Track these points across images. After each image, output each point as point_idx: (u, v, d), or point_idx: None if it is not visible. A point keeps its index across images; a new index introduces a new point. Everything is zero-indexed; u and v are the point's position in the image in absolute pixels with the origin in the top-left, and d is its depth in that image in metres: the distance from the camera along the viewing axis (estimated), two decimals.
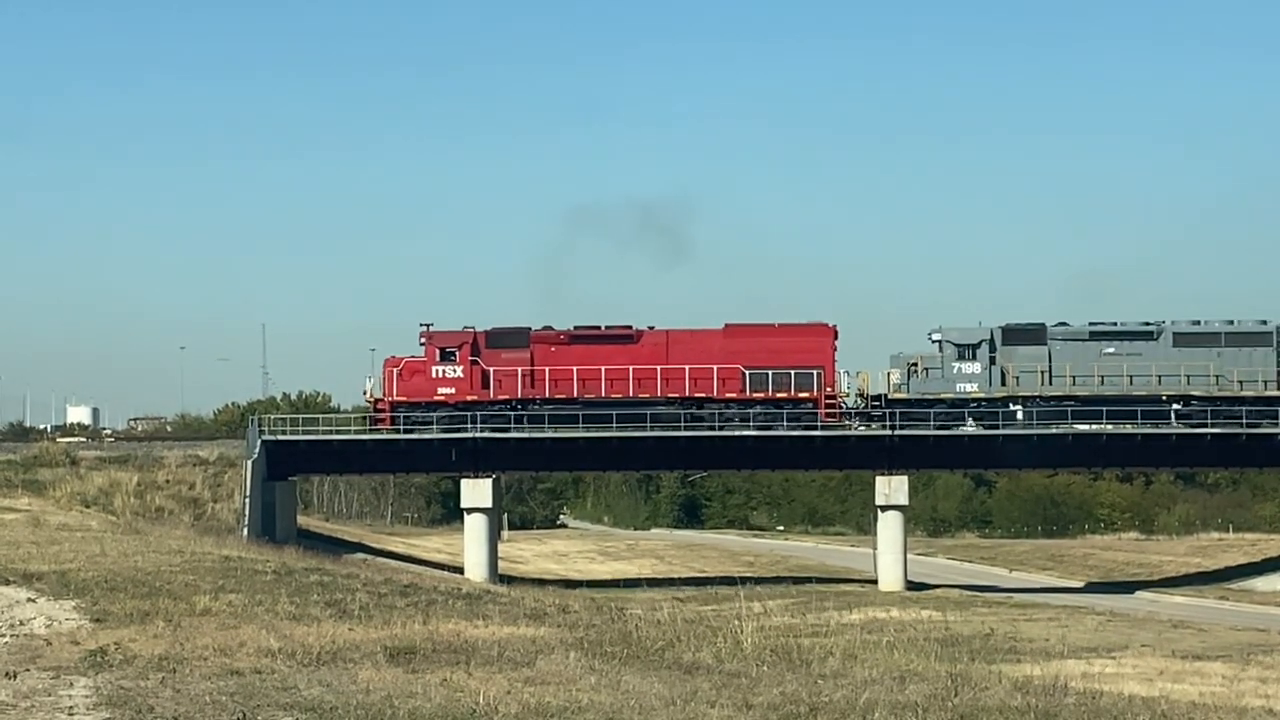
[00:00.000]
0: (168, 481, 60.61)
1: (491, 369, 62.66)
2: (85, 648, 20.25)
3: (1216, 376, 62.84)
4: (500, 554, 68.72)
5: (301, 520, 74.49)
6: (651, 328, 63.70)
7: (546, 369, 62.75)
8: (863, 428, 63.64)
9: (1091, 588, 68.03)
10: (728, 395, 62.65)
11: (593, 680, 18.14)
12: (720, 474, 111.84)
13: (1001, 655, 28.82)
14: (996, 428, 63.13)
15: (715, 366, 62.58)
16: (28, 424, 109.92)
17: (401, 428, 62.92)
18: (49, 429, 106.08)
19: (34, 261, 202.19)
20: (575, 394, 62.57)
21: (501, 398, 62.65)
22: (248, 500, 59.08)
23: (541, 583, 59.04)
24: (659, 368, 62.66)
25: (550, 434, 63.41)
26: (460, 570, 62.71)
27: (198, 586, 28.75)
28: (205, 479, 61.03)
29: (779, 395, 62.60)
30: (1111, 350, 63.31)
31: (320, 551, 50.29)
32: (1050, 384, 63.05)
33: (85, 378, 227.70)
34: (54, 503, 56.70)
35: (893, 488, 63.99)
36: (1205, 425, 63.08)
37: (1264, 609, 55.26)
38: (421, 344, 63.05)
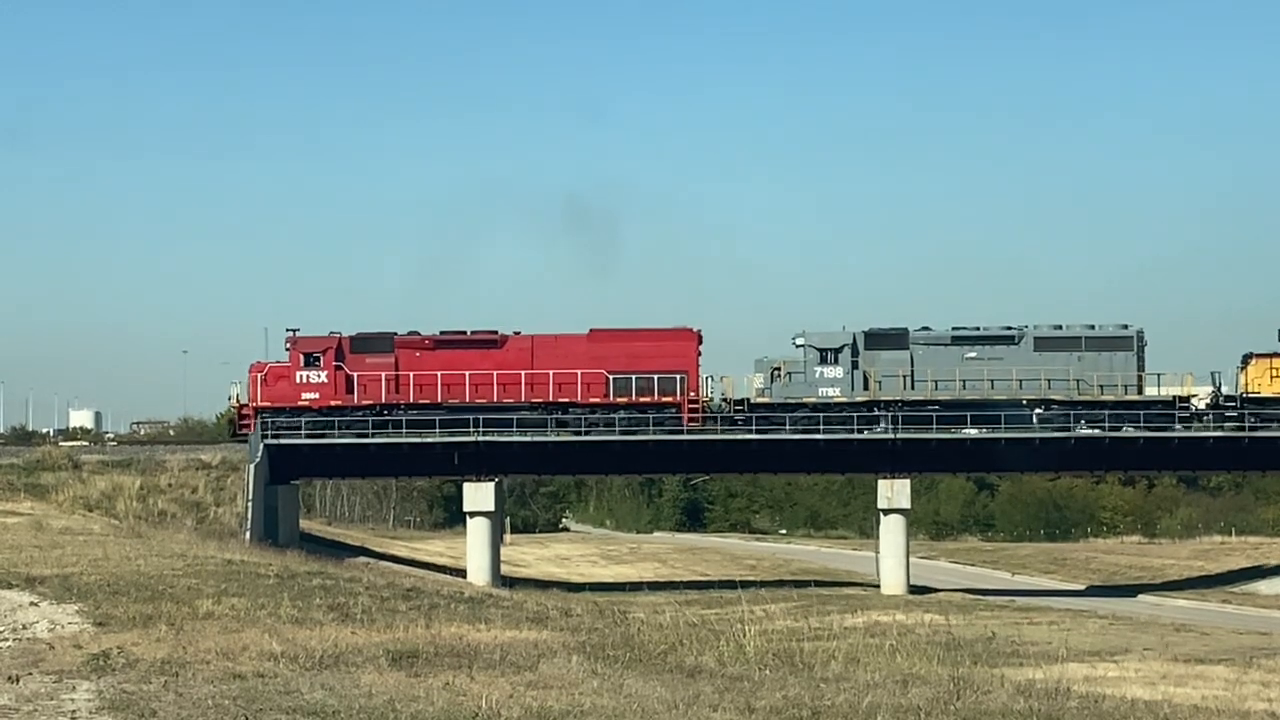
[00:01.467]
0: (170, 485, 60.61)
1: (356, 374, 63.04)
2: (88, 651, 20.26)
3: (1077, 380, 63.04)
4: (503, 557, 68.72)
5: (304, 524, 74.49)
6: (517, 333, 64.14)
7: (411, 374, 63.13)
8: (865, 431, 63.56)
9: (1094, 591, 68.03)
10: (591, 400, 63.03)
11: (595, 684, 18.14)
12: (722, 477, 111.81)
13: (1004, 659, 28.80)
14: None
15: (579, 371, 62.96)
16: (30, 428, 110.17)
17: (405, 431, 62.93)
18: (52, 433, 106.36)
19: (36, 265, 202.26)
20: (439, 399, 62.94)
21: (365, 403, 63.08)
22: (250, 504, 59.09)
23: (544, 586, 59.04)
24: (523, 373, 63.04)
25: (552, 437, 63.47)
26: (463, 574, 62.72)
27: (200, 590, 28.74)
28: (208, 483, 61.03)
29: (642, 400, 62.96)
30: (973, 354, 63.54)
31: (323, 555, 50.25)
32: (912, 388, 63.30)
33: (88, 382, 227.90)
34: (56, 506, 56.69)
35: (895, 491, 63.97)
36: (1207, 428, 63.10)
37: (1267, 612, 55.27)
38: (287, 349, 63.41)
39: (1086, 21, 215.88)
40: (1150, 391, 63.58)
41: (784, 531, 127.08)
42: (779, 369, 63.59)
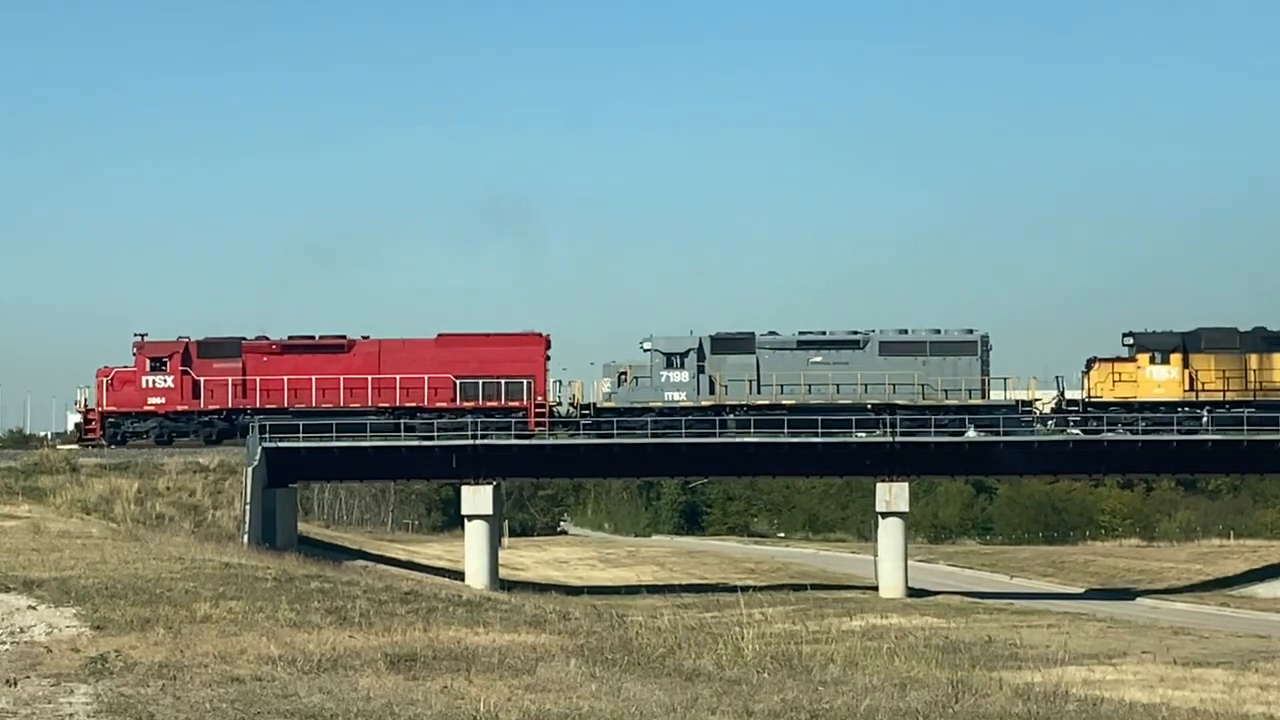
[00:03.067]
0: (168, 488, 60.55)
1: (202, 379, 63.18)
2: (85, 655, 20.24)
3: (922, 385, 63.18)
4: (501, 561, 68.70)
5: (302, 527, 74.47)
6: (365, 337, 64.43)
7: (258, 379, 63.33)
8: (863, 434, 63.58)
9: (1092, 594, 68.02)
10: (439, 404, 63.33)
11: (593, 687, 18.12)
12: (721, 480, 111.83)
13: (1002, 662, 28.80)
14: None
15: (427, 376, 63.20)
16: (28, 431, 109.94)
17: (402, 434, 62.97)
18: (49, 436, 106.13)
19: (34, 267, 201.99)
20: (286, 404, 63.16)
21: (213, 408, 63.28)
22: (248, 507, 59.06)
23: (542, 589, 59.03)
24: (370, 377, 63.25)
25: (550, 440, 63.49)
26: (461, 577, 62.71)
27: (198, 593, 28.73)
28: (206, 486, 60.97)
29: (489, 404, 63.17)
30: (819, 359, 63.66)
31: (321, 558, 50.22)
32: (758, 393, 63.33)
33: (86, 385, 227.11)
34: (54, 510, 56.64)
35: (893, 494, 63.97)
36: (1207, 431, 63.13)
37: (1265, 615, 55.25)
38: (134, 354, 63.61)
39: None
40: (996, 396, 63.80)
41: (782, 535, 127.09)
42: (625, 373, 63.80)
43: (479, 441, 62.60)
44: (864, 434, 63.53)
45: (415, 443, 62.90)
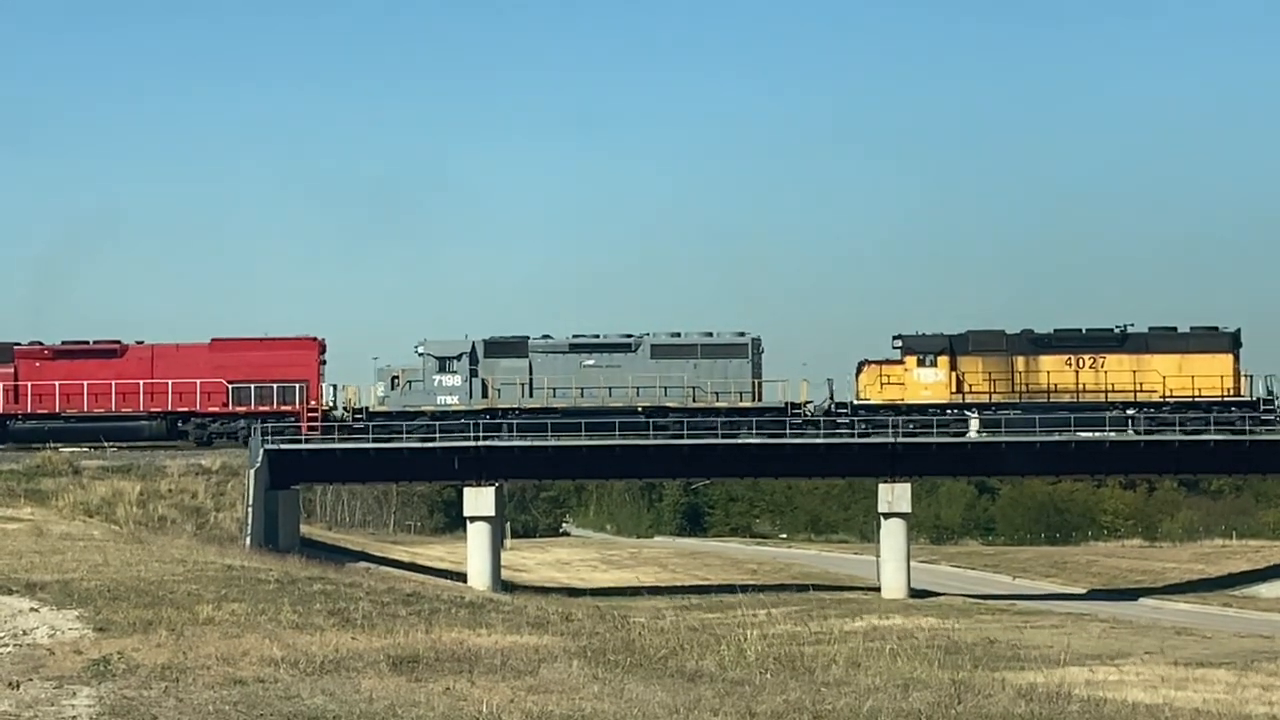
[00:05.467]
0: (170, 491, 60.56)
1: None
2: (88, 657, 20.26)
3: (692, 388, 63.27)
4: (503, 562, 68.73)
5: (304, 529, 74.47)
6: (140, 342, 64.53)
7: (29, 384, 63.46)
8: (870, 435, 63.52)
9: (1094, 594, 67.97)
10: (212, 409, 63.54)
11: (596, 689, 18.13)
12: (723, 481, 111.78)
13: (1005, 663, 28.81)
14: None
15: (199, 380, 63.40)
16: None
17: (404, 435, 63.06)
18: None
19: (34, 268, 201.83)
20: (58, 409, 63.34)
21: None
22: (250, 509, 59.08)
23: (544, 591, 59.02)
24: (142, 382, 63.39)
25: (553, 442, 63.50)
26: (463, 578, 62.71)
27: (201, 596, 28.74)
28: (208, 488, 60.99)
29: (262, 408, 63.34)
30: (591, 362, 63.72)
31: (323, 560, 50.21)
32: (531, 396, 63.43)
33: None
34: (57, 512, 56.64)
35: (895, 495, 63.94)
36: (1209, 431, 63.12)
37: (1268, 615, 55.20)
38: None
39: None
40: (770, 398, 63.93)
41: (784, 536, 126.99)
42: (398, 377, 63.91)
43: (481, 443, 62.63)
44: (866, 436, 63.48)
45: (418, 444, 62.95)
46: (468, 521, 65.06)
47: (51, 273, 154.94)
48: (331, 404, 64.73)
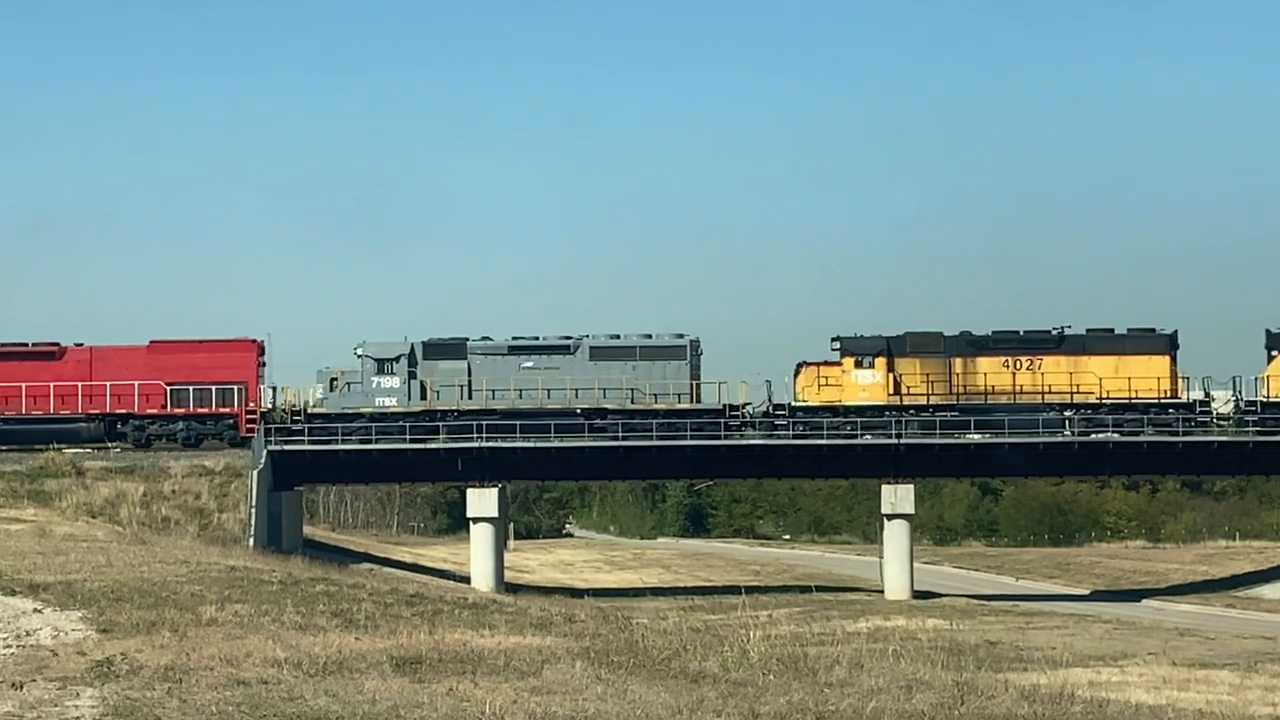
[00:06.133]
0: (174, 492, 60.59)
1: None
2: (91, 658, 20.26)
3: (631, 390, 63.32)
4: (506, 563, 68.73)
5: (308, 530, 74.50)
6: (79, 344, 64.67)
7: None
8: (869, 436, 63.49)
9: (1098, 596, 67.95)
10: (150, 411, 63.70)
11: (599, 689, 18.13)
12: (727, 483, 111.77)
13: (1008, 664, 28.80)
14: (994, 436, 63.16)
15: (137, 383, 63.47)
16: None
17: (408, 437, 63.10)
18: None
19: (34, 269, 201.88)
20: None
21: None
22: (254, 510, 59.11)
23: (548, 592, 59.01)
24: (80, 384, 63.54)
25: (556, 443, 63.53)
26: (466, 580, 62.73)
27: (204, 597, 28.75)
28: (211, 489, 61.02)
29: (201, 410, 63.60)
30: (530, 364, 63.82)
31: (326, 561, 50.23)
32: (469, 398, 63.48)
33: None
34: (60, 513, 56.65)
35: (899, 496, 63.94)
36: (1213, 432, 63.12)
37: (1271, 617, 55.17)
38: None
39: None
40: (709, 400, 64.01)
41: (788, 537, 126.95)
42: (336, 379, 64.00)
43: (485, 444, 62.66)
44: (869, 435, 63.46)
45: (421, 445, 62.97)
46: (471, 523, 65.07)
47: None
48: (271, 406, 64.88)
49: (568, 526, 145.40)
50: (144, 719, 15.87)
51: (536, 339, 64.65)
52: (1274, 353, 63.34)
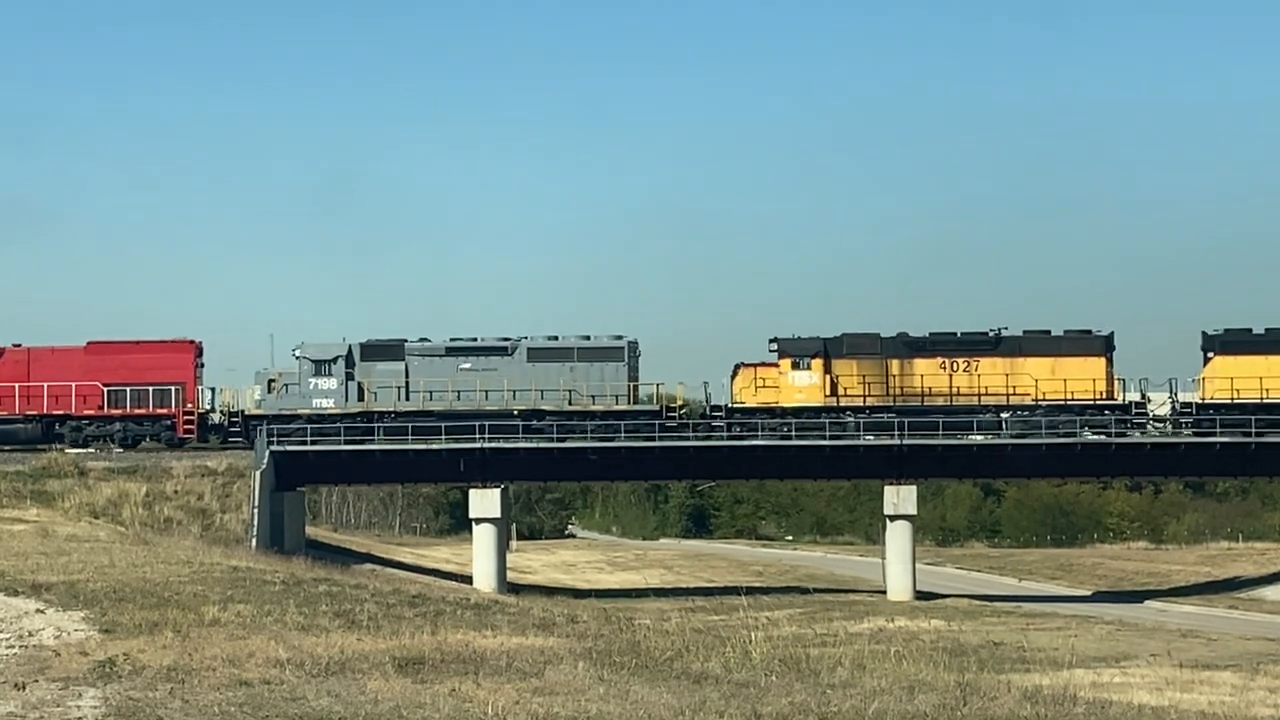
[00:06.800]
0: (176, 492, 60.61)
1: None
2: (94, 658, 20.26)
3: (568, 391, 63.44)
4: (509, 564, 68.75)
5: (310, 531, 74.53)
6: (17, 345, 64.83)
7: None
8: (870, 437, 63.50)
9: (1100, 597, 67.96)
10: (87, 412, 63.87)
11: (601, 690, 18.12)
12: (729, 483, 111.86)
13: (1010, 665, 28.80)
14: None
15: (74, 384, 63.60)
16: None
17: (409, 438, 63.13)
18: None
19: (37, 271, 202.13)
20: None
21: None
22: (256, 511, 59.13)
23: (550, 592, 59.02)
24: (18, 385, 63.68)
25: (558, 444, 63.56)
26: (469, 580, 62.75)
27: (206, 597, 28.75)
28: (214, 490, 61.05)
29: (138, 411, 63.75)
30: (468, 365, 63.95)
31: (329, 562, 50.25)
32: (407, 399, 63.57)
33: None
34: (62, 513, 56.66)
35: (901, 497, 63.95)
36: (1214, 434, 63.10)
37: (1273, 618, 55.17)
38: None
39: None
40: (647, 401, 64.32)
41: (790, 538, 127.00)
42: (274, 380, 64.13)
43: (487, 445, 62.68)
44: (872, 436, 63.46)
45: (423, 446, 63.00)
46: (473, 523, 65.11)
47: None
48: (210, 407, 64.98)
49: (570, 527, 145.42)
50: (146, 719, 15.87)
51: (474, 340, 64.81)
52: (1210, 355, 63.57)
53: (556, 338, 64.78)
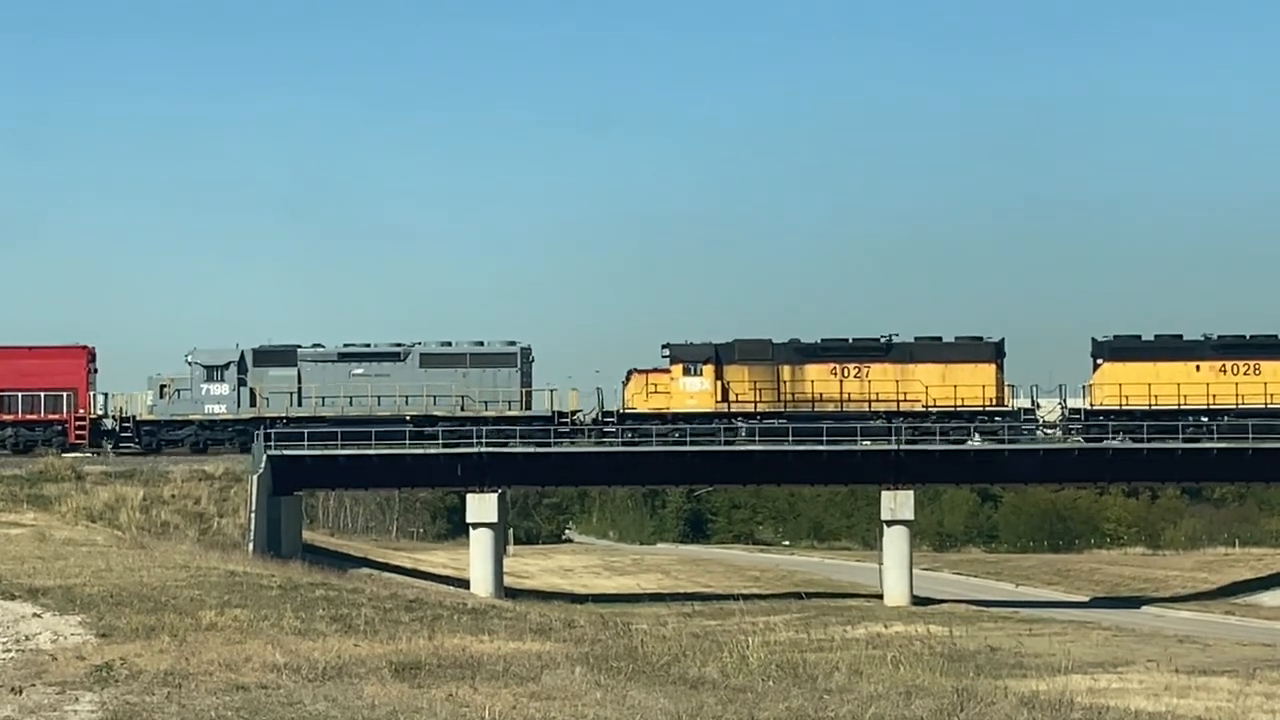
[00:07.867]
0: (173, 496, 60.56)
1: None
2: (91, 663, 20.26)
3: (461, 397, 63.51)
4: (506, 569, 68.70)
5: (307, 535, 74.44)
6: None
7: None
8: (868, 442, 63.51)
9: (1097, 602, 67.95)
10: None
11: (598, 695, 18.13)
12: (726, 488, 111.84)
13: (1007, 670, 28.79)
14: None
15: None
16: None
17: (407, 442, 63.16)
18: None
19: (35, 272, 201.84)
20: None
21: None
22: (253, 515, 59.09)
23: (547, 597, 59.03)
24: None
25: (556, 449, 63.55)
26: (466, 585, 62.69)
27: (203, 601, 28.75)
28: (211, 494, 61.00)
29: (30, 417, 63.62)
30: (361, 371, 64.00)
31: (326, 566, 50.26)
32: (299, 405, 63.62)
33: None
34: (59, 517, 56.62)
35: (898, 502, 63.94)
36: (1211, 439, 63.12)
37: (1270, 624, 55.15)
38: None
39: None
40: (539, 407, 64.20)
41: (787, 543, 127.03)
42: (166, 385, 64.11)
43: (484, 450, 62.68)
44: (869, 441, 63.45)
45: (420, 450, 63.00)
46: (470, 528, 65.07)
47: None
48: (102, 413, 64.87)
49: (567, 532, 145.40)
50: None
51: (368, 346, 64.86)
52: (1100, 361, 63.65)
53: (450, 344, 64.76)
